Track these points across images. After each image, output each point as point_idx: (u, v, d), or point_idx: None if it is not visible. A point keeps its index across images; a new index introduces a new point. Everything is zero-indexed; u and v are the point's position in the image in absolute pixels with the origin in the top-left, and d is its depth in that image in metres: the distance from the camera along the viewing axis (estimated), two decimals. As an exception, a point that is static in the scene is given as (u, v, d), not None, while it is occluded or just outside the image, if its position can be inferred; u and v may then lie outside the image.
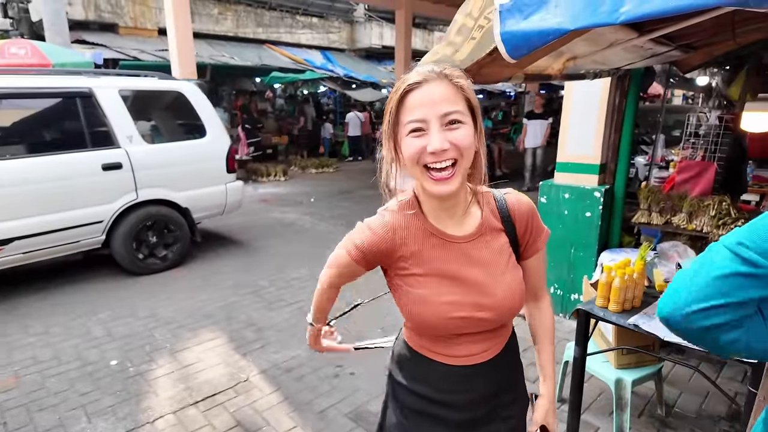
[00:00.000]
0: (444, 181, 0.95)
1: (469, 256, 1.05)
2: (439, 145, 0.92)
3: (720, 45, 2.88)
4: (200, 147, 5.04)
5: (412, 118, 0.94)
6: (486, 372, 1.11)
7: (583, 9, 1.15)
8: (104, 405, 2.66)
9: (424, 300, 1.03)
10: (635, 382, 2.32)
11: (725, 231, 3.10)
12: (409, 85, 0.95)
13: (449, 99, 0.94)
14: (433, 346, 1.10)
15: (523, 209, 1.11)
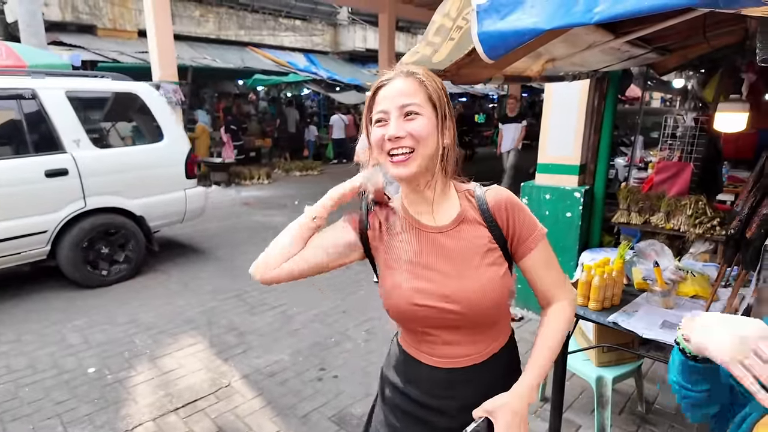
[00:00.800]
0: (400, 164, 1.01)
1: (442, 246, 1.06)
2: (394, 132, 0.99)
3: (694, 48, 2.95)
4: (156, 151, 4.79)
5: (377, 109, 1.03)
6: (472, 377, 1.08)
7: (558, 9, 1.16)
8: (81, 413, 2.59)
9: (394, 285, 1.06)
10: (616, 379, 2.34)
11: (702, 230, 3.17)
12: (380, 82, 1.04)
13: (409, 93, 1.01)
14: (416, 343, 1.12)
15: (501, 203, 1.08)
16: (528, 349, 3.02)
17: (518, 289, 3.95)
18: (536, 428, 2.51)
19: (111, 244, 4.54)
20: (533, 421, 2.56)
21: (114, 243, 4.56)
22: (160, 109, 4.85)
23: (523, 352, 3.30)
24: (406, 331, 1.15)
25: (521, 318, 3.75)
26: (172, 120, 4.98)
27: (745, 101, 2.47)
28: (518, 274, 3.73)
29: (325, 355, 3.22)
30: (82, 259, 4.32)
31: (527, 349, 3.32)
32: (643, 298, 2.14)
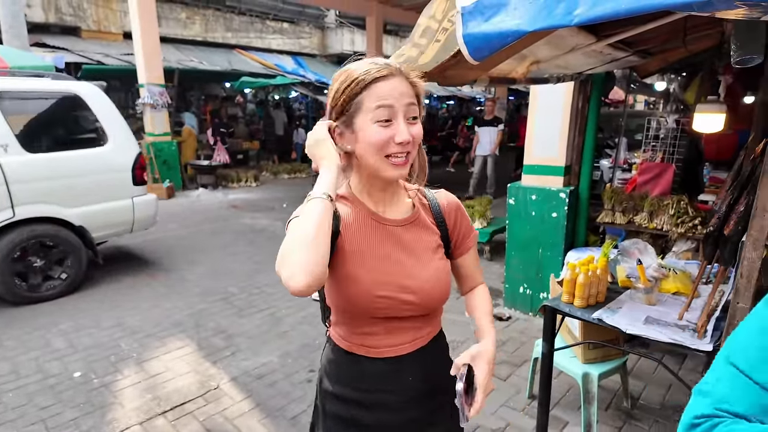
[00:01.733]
0: (401, 166, 1.01)
1: (400, 238, 1.09)
2: (407, 137, 0.98)
3: (674, 52, 3.02)
4: (99, 156, 4.42)
5: (382, 103, 0.96)
6: (414, 364, 1.10)
7: (540, 11, 1.19)
8: (66, 418, 2.55)
9: (354, 277, 1.03)
10: (601, 375, 2.38)
11: (683, 229, 3.24)
12: (378, 74, 0.98)
13: (411, 95, 1.00)
14: (359, 337, 1.09)
15: (452, 206, 1.19)
16: (516, 348, 3.13)
17: (506, 289, 3.99)
18: (524, 425, 2.54)
19: (48, 257, 4.17)
20: (521, 419, 2.59)
21: (51, 256, 4.19)
22: (105, 111, 4.49)
23: (511, 351, 3.32)
24: (349, 325, 1.09)
25: (509, 317, 3.79)
26: (119, 122, 4.61)
27: (722, 102, 2.54)
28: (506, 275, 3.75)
29: (314, 356, 3.22)
30: (10, 272, 3.93)
31: (516, 348, 3.36)
32: (626, 295, 2.18)
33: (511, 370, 3.05)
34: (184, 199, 8.66)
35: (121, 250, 5.55)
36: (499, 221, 5.48)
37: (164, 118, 9.06)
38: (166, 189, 8.64)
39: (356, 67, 1.01)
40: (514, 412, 2.65)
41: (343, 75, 1.01)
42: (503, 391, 2.82)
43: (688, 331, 1.84)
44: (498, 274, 4.77)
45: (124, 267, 4.98)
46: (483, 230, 5.23)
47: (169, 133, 9.25)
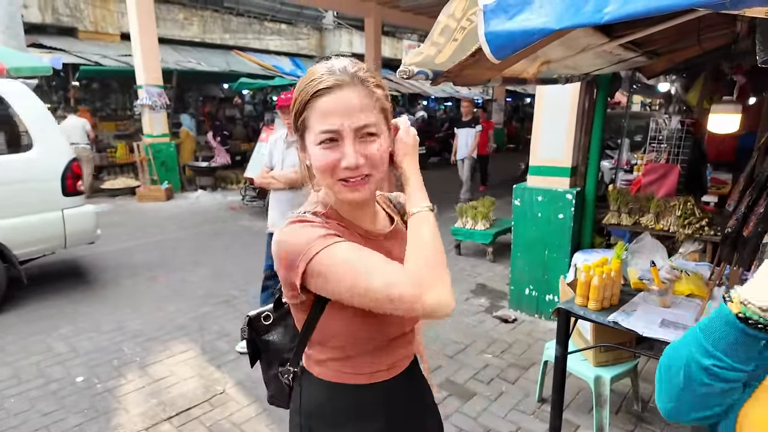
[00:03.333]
0: (357, 186, 0.89)
1: (389, 251, 0.98)
2: (354, 161, 0.86)
3: (682, 51, 3.01)
4: (23, 163, 3.94)
5: (324, 128, 0.86)
6: (411, 377, 1.10)
7: (567, 9, 1.16)
8: (70, 425, 2.51)
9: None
10: (613, 379, 2.36)
11: (691, 230, 3.22)
12: (320, 87, 0.85)
13: (363, 108, 0.87)
14: (356, 366, 0.99)
15: None
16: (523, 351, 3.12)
17: (511, 291, 3.97)
18: (535, 429, 2.51)
19: None
20: (532, 422, 2.56)
21: None
22: (31, 112, 4.01)
23: (519, 354, 3.30)
24: (349, 359, 0.98)
25: (515, 320, 3.77)
26: (48, 125, 4.13)
27: (737, 103, 2.53)
28: (512, 277, 3.72)
29: (320, 359, 3.19)
30: None
31: (523, 350, 3.35)
32: (640, 298, 2.16)
33: (519, 373, 3.03)
34: (182, 201, 8.61)
35: (120, 252, 5.49)
36: (502, 223, 5.46)
37: (162, 119, 9.00)
38: (165, 190, 8.58)
39: (306, 76, 0.90)
40: (524, 415, 2.62)
41: (301, 81, 0.91)
42: (512, 395, 2.80)
43: (705, 333, 1.82)
44: (502, 275, 4.75)
45: (123, 270, 4.93)
46: (486, 232, 5.21)
47: (168, 135, 9.19)
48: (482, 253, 5.45)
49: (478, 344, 3.39)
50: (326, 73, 0.87)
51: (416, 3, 11.05)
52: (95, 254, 5.41)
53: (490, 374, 3.00)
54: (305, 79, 0.90)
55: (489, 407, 2.68)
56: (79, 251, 5.47)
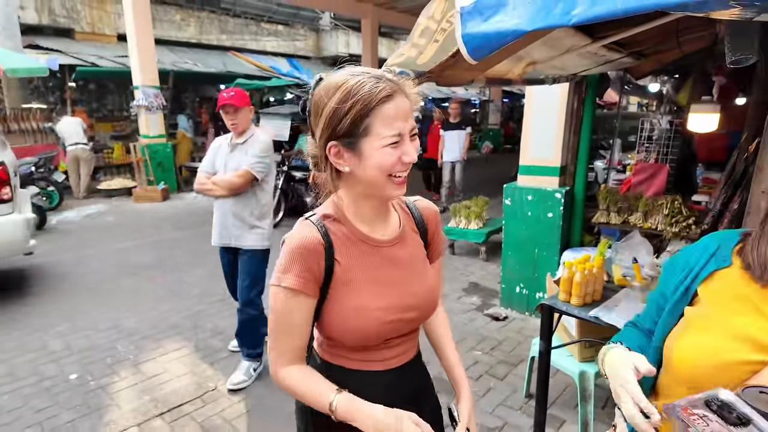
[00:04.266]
0: (403, 184, 1.00)
1: (395, 258, 1.07)
2: (414, 157, 0.98)
3: (667, 53, 3.06)
4: None
5: (392, 132, 0.94)
6: (412, 369, 1.15)
7: (538, 11, 1.21)
8: (63, 421, 2.54)
9: (360, 308, 1.01)
10: (598, 374, 2.40)
11: (678, 228, 3.27)
12: (384, 95, 0.92)
13: (411, 113, 0.98)
14: (360, 354, 1.07)
15: (432, 214, 1.20)
16: (513, 348, 3.16)
17: (502, 289, 4.01)
18: (521, 424, 2.55)
19: None
20: (519, 417, 2.60)
21: None
22: None
23: (508, 351, 3.35)
24: (353, 350, 1.07)
25: (505, 317, 3.81)
26: None
27: (716, 103, 2.58)
28: (503, 275, 3.78)
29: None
30: None
31: (512, 347, 3.39)
32: (623, 294, 2.20)
33: (508, 369, 3.07)
34: (179, 202, 8.63)
35: (117, 252, 5.52)
36: (494, 222, 5.51)
37: (159, 120, 9.03)
38: (161, 191, 8.61)
39: (356, 85, 0.92)
40: (511, 410, 2.66)
41: (343, 93, 0.92)
42: (500, 391, 2.84)
43: (683, 328, 1.86)
44: (494, 274, 4.79)
45: (120, 270, 4.96)
46: (479, 231, 5.25)
47: (164, 135, 9.22)
48: (475, 252, 5.49)
49: (468, 341, 3.42)
50: (378, 82, 0.93)
51: (413, 4, 11.11)
52: (94, 254, 5.44)
53: (479, 371, 3.04)
54: (355, 92, 0.92)
55: (477, 403, 2.72)
56: (79, 252, 5.51)
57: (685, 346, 0.90)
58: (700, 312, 0.92)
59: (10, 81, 9.22)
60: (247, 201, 2.83)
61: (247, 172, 2.72)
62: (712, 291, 0.92)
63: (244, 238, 2.85)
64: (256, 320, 2.96)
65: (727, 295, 0.90)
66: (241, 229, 2.84)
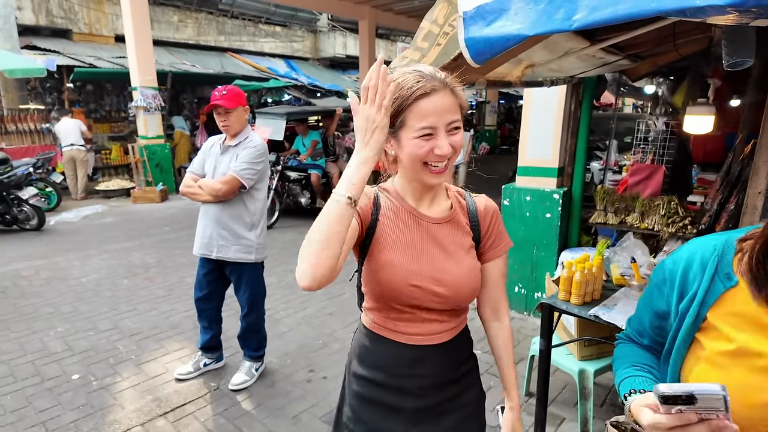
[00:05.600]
0: (440, 173, 1.07)
1: (435, 235, 1.15)
2: (447, 151, 1.03)
3: (663, 55, 3.10)
4: None
5: (424, 125, 1.01)
6: (436, 356, 1.16)
7: (540, 16, 1.24)
8: (66, 421, 2.55)
9: (389, 264, 1.10)
10: (597, 372, 2.43)
11: (674, 228, 3.31)
12: (421, 92, 1.01)
13: (452, 108, 1.04)
14: (390, 322, 1.16)
15: (489, 211, 1.23)
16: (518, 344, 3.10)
17: (501, 289, 4.04)
18: (522, 422, 2.57)
19: None
20: (518, 415, 2.63)
21: None
22: None
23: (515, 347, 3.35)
24: (382, 311, 1.16)
25: (504, 317, 3.84)
26: None
27: (711, 105, 2.62)
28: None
29: (313, 356, 3.25)
30: None
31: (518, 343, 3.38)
32: (621, 293, 2.24)
33: (507, 368, 3.09)
34: (178, 202, 8.63)
35: (116, 252, 5.53)
36: (493, 223, 5.54)
37: (157, 121, 9.03)
38: (160, 192, 8.61)
39: (403, 79, 1.03)
40: (511, 408, 2.69)
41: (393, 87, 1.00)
42: (500, 389, 2.86)
43: (681, 325, 1.90)
44: (493, 274, 4.82)
45: (120, 270, 4.96)
46: (477, 231, 5.28)
47: (162, 136, 9.23)
48: (474, 252, 5.52)
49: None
50: (422, 78, 1.03)
51: (410, 6, 11.16)
52: (93, 255, 5.44)
53: (480, 369, 3.07)
54: (399, 84, 1.02)
55: (477, 401, 2.75)
56: (78, 252, 5.50)
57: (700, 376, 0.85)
58: (717, 348, 0.84)
59: (8, 82, 9.21)
60: (234, 209, 2.66)
61: (233, 179, 2.55)
62: (723, 318, 0.84)
63: (227, 249, 2.69)
64: (260, 324, 2.99)
65: (742, 322, 0.82)
66: (226, 240, 2.68)
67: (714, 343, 0.85)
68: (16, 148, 8.57)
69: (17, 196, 6.34)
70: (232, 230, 2.68)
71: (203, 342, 3.00)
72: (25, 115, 9.21)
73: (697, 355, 0.88)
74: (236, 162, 2.60)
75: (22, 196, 6.37)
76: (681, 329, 0.90)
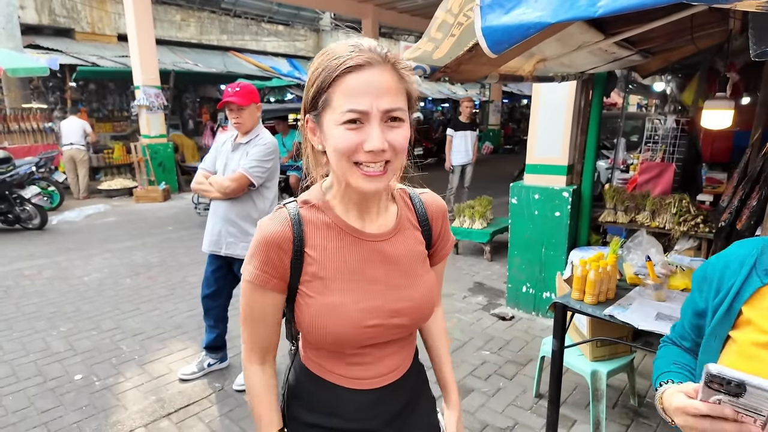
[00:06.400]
0: (375, 177, 0.82)
1: (386, 254, 0.93)
2: (380, 145, 0.79)
3: (677, 50, 3.04)
4: None
5: (350, 107, 0.78)
6: (396, 390, 1.00)
7: (562, 3, 1.19)
8: (68, 422, 2.51)
9: (335, 308, 0.88)
10: (610, 373, 2.38)
11: (686, 227, 3.26)
12: (350, 63, 0.78)
13: (392, 91, 0.81)
14: (339, 367, 0.95)
15: (439, 211, 1.06)
16: (521, 348, 3.15)
17: (508, 288, 3.99)
18: (532, 424, 2.53)
19: None
20: (529, 418, 2.58)
21: None
22: None
23: (516, 350, 3.33)
24: (328, 357, 0.95)
25: (512, 317, 3.79)
26: None
27: (730, 99, 2.56)
28: (509, 275, 3.75)
29: (318, 357, 3.20)
30: None
31: (520, 347, 3.37)
32: (636, 292, 2.19)
33: (516, 369, 3.04)
34: (180, 202, 8.59)
35: (119, 252, 5.49)
36: (499, 222, 5.49)
37: (160, 120, 9.00)
38: (162, 191, 8.58)
39: (333, 49, 0.82)
40: (521, 410, 2.64)
41: (319, 58, 0.83)
42: (510, 391, 2.81)
43: (700, 326, 1.84)
44: (499, 274, 4.77)
45: (122, 270, 4.92)
46: (483, 231, 5.23)
47: (165, 135, 9.20)
48: (480, 251, 5.47)
49: (476, 341, 3.40)
50: (355, 50, 0.80)
51: (413, 4, 11.11)
52: (96, 254, 5.40)
53: (488, 371, 3.02)
54: (327, 57, 0.81)
55: (487, 403, 2.70)
56: (81, 252, 5.47)
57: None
58: (751, 339, 0.82)
59: (11, 81, 9.19)
60: (243, 206, 2.64)
61: (241, 176, 2.53)
62: (760, 312, 0.82)
63: (236, 246, 2.66)
64: None
65: None
66: (234, 237, 2.66)
67: (748, 335, 0.82)
68: (18, 147, 8.55)
69: (20, 195, 6.31)
70: (241, 227, 2.66)
71: (208, 341, 2.96)
72: (27, 114, 9.19)
73: (730, 349, 0.85)
74: (246, 159, 2.57)
75: (24, 195, 6.35)
76: (712, 321, 0.88)
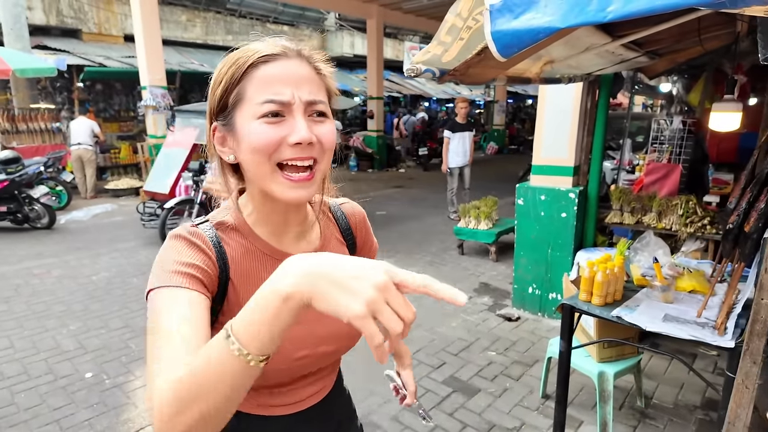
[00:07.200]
0: (303, 182, 0.73)
1: None
2: (307, 136, 0.70)
3: (684, 52, 3.04)
4: None
5: (270, 97, 0.69)
6: (323, 409, 0.95)
7: (572, 8, 1.20)
8: (80, 419, 2.54)
9: None
10: (617, 374, 2.39)
11: (693, 228, 3.26)
12: (264, 57, 0.71)
13: (314, 84, 0.74)
14: (263, 398, 0.86)
15: (360, 219, 1.00)
16: (527, 348, 3.17)
17: (514, 289, 4.00)
18: (539, 424, 2.54)
19: None
20: (536, 418, 2.59)
21: None
22: None
23: (523, 351, 3.34)
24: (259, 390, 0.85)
25: (518, 318, 3.79)
26: None
27: (738, 101, 2.57)
28: (515, 276, 3.75)
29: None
30: None
31: (527, 348, 3.39)
32: (643, 294, 2.19)
33: (523, 369, 3.05)
34: (186, 202, 8.64)
35: (126, 251, 5.54)
36: (504, 222, 5.50)
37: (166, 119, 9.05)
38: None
39: (241, 48, 0.75)
40: (528, 411, 2.65)
41: (224, 60, 0.75)
42: (517, 391, 2.83)
43: (707, 328, 1.85)
44: (505, 275, 4.78)
45: (130, 269, 4.97)
46: (489, 231, 5.24)
47: (171, 136, 9.24)
48: (485, 252, 5.48)
49: (482, 342, 3.41)
50: (265, 43, 0.74)
51: (418, 5, 11.12)
52: (104, 253, 5.45)
53: (494, 371, 3.03)
54: (234, 55, 0.74)
55: (493, 403, 2.71)
56: (89, 251, 5.52)
57: None
58: None
59: (19, 81, 9.26)
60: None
61: None
62: None
63: None
64: None
65: None
66: None
67: None
68: (26, 147, 8.62)
69: (28, 194, 6.38)
70: None
71: None
72: (35, 114, 9.26)
73: None
74: None
75: (33, 195, 6.41)
76: None
